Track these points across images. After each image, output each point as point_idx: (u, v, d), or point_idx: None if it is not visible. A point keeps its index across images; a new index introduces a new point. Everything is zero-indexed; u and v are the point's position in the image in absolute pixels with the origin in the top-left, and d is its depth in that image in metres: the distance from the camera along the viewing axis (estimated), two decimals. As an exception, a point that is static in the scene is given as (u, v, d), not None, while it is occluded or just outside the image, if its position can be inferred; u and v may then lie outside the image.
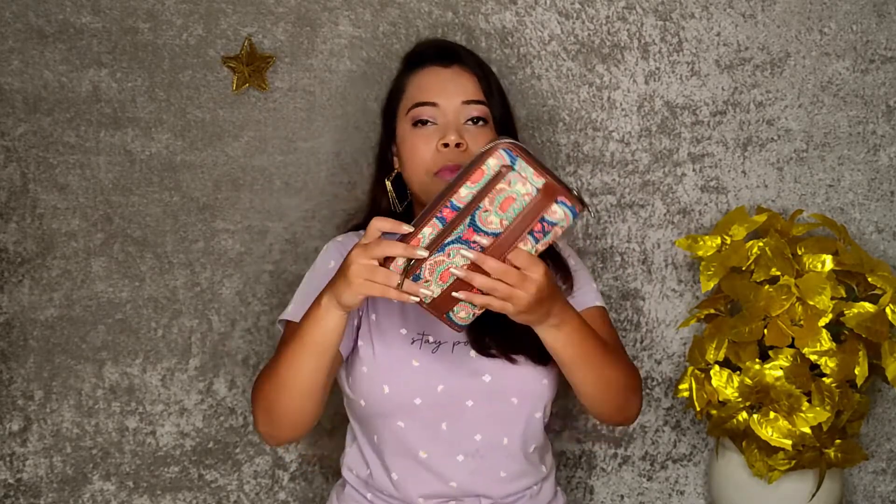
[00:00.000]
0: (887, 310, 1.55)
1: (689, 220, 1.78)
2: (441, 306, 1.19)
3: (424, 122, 1.43)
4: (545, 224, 1.16)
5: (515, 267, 1.16)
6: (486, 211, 1.15)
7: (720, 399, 1.59)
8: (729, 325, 1.58)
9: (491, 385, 1.39)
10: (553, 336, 1.27)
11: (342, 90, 1.72)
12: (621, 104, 1.76)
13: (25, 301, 1.69)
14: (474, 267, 1.16)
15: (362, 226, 1.51)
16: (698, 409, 1.62)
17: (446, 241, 1.16)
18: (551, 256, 1.49)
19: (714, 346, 1.59)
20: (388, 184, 1.49)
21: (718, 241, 1.65)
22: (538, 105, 1.74)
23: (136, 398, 1.72)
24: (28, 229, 1.69)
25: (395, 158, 1.49)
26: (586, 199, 1.76)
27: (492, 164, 1.14)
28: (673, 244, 1.77)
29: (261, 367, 1.73)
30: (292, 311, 1.41)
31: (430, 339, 1.40)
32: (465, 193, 1.14)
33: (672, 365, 1.80)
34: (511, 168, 1.14)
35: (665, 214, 1.78)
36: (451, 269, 1.17)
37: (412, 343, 1.39)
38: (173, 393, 1.73)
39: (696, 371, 1.62)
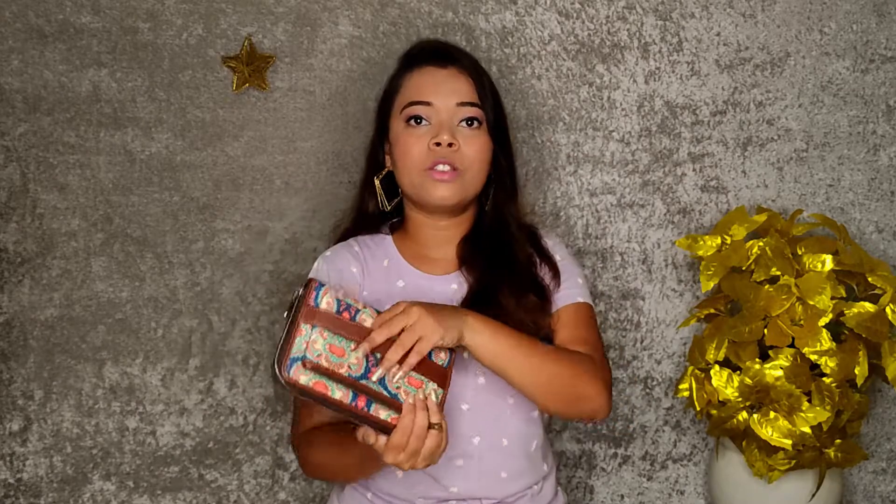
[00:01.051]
0: (887, 310, 1.55)
1: (689, 220, 1.78)
2: (429, 375, 1.26)
3: (418, 121, 1.43)
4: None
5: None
6: (337, 337, 1.22)
7: (720, 399, 1.59)
8: (729, 325, 1.58)
9: (486, 386, 1.39)
10: (472, 346, 1.30)
11: (342, 90, 1.72)
12: (621, 104, 1.76)
13: (25, 301, 1.69)
14: (380, 348, 1.22)
15: (351, 232, 1.51)
16: (698, 409, 1.62)
17: (350, 375, 1.20)
18: (537, 252, 1.50)
19: (714, 346, 1.59)
20: (377, 182, 1.49)
21: (718, 241, 1.65)
22: (538, 105, 1.74)
23: (136, 398, 1.72)
24: (28, 229, 1.69)
25: (387, 157, 1.49)
26: (583, 200, 1.76)
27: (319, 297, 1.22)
28: (673, 244, 1.77)
29: (261, 367, 1.74)
30: None
31: None
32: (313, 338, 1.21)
33: (672, 365, 1.80)
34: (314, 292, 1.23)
35: (665, 214, 1.78)
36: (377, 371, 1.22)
37: None
38: (173, 393, 1.73)
39: (696, 371, 1.62)
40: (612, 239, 1.78)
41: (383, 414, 1.20)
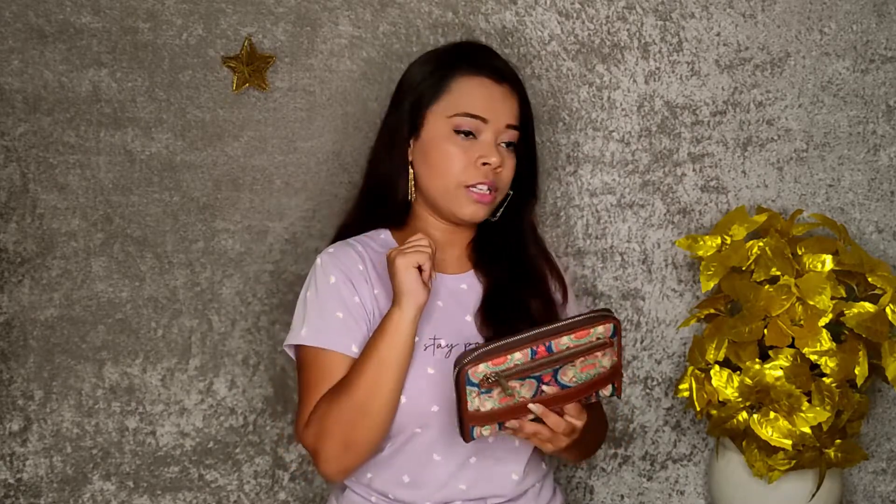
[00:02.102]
0: (887, 310, 1.55)
1: (689, 220, 1.78)
2: (478, 419, 1.27)
3: (468, 133, 1.41)
4: (596, 395, 1.32)
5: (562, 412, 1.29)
6: (572, 366, 1.26)
7: (720, 399, 1.59)
8: (729, 325, 1.58)
9: None
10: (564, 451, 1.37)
11: (342, 90, 1.72)
12: (621, 104, 1.76)
13: (25, 301, 1.69)
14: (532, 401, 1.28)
15: (352, 231, 1.50)
16: (698, 409, 1.61)
17: (527, 375, 1.25)
18: (549, 267, 1.55)
19: (714, 346, 1.59)
20: (411, 171, 1.45)
21: (718, 241, 1.65)
22: (538, 105, 1.74)
23: (136, 398, 1.72)
24: (28, 229, 1.69)
25: (409, 149, 1.46)
26: (583, 200, 1.76)
27: (599, 331, 1.26)
28: (673, 244, 1.77)
29: (261, 367, 1.74)
30: (308, 336, 1.38)
31: (442, 342, 1.39)
32: (564, 342, 1.25)
33: (672, 365, 1.80)
34: (611, 344, 1.27)
35: (665, 214, 1.78)
36: (530, 406, 1.27)
37: (425, 350, 1.38)
38: (173, 393, 1.73)
39: (696, 371, 1.62)
40: (612, 239, 1.78)
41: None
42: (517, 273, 1.48)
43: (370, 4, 1.71)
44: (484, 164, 1.40)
